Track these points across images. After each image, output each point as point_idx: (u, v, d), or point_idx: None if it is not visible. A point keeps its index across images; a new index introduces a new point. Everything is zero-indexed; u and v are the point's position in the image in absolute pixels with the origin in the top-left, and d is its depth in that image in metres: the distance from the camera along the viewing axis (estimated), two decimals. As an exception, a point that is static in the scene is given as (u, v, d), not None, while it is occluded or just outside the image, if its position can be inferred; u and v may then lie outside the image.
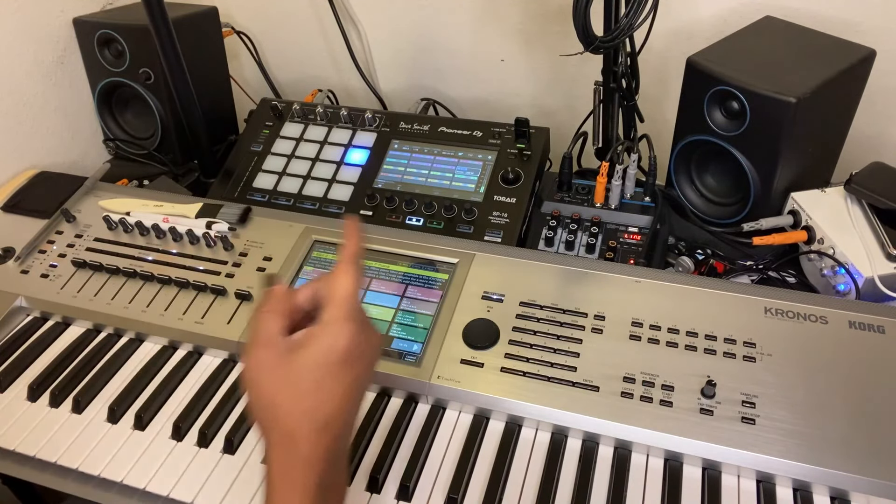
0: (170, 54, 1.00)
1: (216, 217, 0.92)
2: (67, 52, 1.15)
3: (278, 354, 0.54)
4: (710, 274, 0.90)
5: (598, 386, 0.71)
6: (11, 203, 1.01)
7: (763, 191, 0.91)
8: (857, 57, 0.89)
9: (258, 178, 1.04)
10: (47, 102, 1.14)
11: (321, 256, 0.87)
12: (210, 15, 1.18)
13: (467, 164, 1.00)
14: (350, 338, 0.54)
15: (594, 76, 0.96)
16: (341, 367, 0.53)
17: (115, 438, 0.73)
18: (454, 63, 1.27)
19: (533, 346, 0.75)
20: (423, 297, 0.81)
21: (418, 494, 0.66)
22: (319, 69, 1.38)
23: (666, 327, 0.75)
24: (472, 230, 0.93)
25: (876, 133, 1.05)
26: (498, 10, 1.17)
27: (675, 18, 1.07)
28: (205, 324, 0.81)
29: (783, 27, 0.97)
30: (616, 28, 0.83)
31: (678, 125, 0.98)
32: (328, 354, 0.53)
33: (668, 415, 0.68)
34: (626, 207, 0.92)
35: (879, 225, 0.85)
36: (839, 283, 0.84)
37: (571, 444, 0.70)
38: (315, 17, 1.31)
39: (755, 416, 0.67)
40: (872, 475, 0.62)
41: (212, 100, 1.19)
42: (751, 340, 0.72)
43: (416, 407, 0.74)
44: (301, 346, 0.54)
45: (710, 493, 0.65)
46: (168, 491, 0.68)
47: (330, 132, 1.07)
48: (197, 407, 0.75)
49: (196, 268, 0.88)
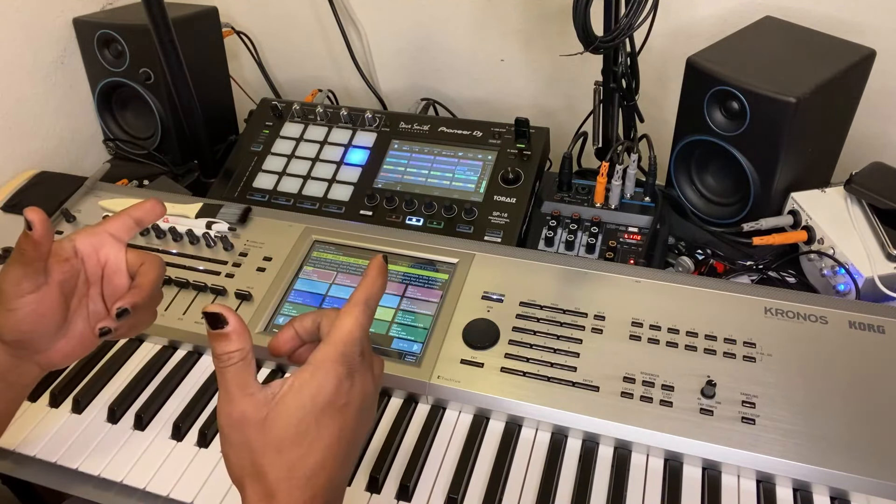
0: (170, 54, 1.00)
1: (216, 217, 0.92)
2: (67, 52, 1.15)
3: (255, 407, 0.48)
4: (710, 274, 0.90)
5: (598, 386, 0.71)
6: (11, 203, 1.01)
7: (763, 191, 0.91)
8: (857, 57, 0.89)
9: (258, 178, 1.04)
10: (47, 102, 1.14)
11: (321, 256, 0.87)
12: (210, 15, 1.18)
13: (467, 164, 1.00)
14: (336, 384, 0.49)
15: (594, 76, 0.96)
16: (324, 415, 0.49)
17: (115, 438, 0.73)
18: (454, 63, 1.27)
19: (533, 346, 0.75)
20: (423, 297, 0.81)
21: (418, 494, 0.66)
22: (319, 69, 1.38)
23: (666, 327, 0.75)
24: (472, 230, 0.93)
25: (876, 133, 1.05)
26: (498, 11, 1.17)
27: (675, 18, 1.07)
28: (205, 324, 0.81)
29: (783, 27, 0.97)
30: (616, 28, 0.83)
31: (678, 125, 0.98)
32: (314, 398, 0.49)
33: (668, 415, 0.68)
34: (626, 207, 0.92)
35: (879, 225, 0.85)
36: (839, 283, 0.84)
37: (571, 444, 0.70)
38: (315, 18, 1.31)
39: (755, 416, 0.67)
40: (872, 475, 0.62)
41: (212, 100, 1.19)
42: (751, 340, 0.72)
43: (416, 407, 0.74)
44: (282, 395, 0.49)
45: (710, 493, 0.65)
46: (168, 491, 0.68)
47: (330, 132, 1.07)
48: (197, 407, 0.75)
49: (196, 268, 0.88)
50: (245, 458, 0.49)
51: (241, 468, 0.49)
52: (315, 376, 0.49)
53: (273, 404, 0.49)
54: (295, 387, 0.49)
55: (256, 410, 0.48)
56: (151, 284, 0.61)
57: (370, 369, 0.54)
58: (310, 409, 0.49)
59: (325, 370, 0.50)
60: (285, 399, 0.49)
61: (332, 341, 0.51)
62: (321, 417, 0.49)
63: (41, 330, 0.59)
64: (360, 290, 0.53)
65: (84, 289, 0.62)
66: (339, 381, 0.50)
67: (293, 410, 0.48)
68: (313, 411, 0.49)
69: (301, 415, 0.48)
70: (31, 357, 0.61)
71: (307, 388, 0.49)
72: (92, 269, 0.62)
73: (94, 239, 0.62)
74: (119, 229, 0.63)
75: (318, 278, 0.85)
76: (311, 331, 0.56)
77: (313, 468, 0.49)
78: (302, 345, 0.57)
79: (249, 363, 0.50)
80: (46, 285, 0.58)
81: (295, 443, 0.48)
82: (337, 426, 0.50)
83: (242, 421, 0.48)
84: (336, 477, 0.51)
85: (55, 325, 0.60)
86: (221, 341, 0.49)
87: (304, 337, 0.57)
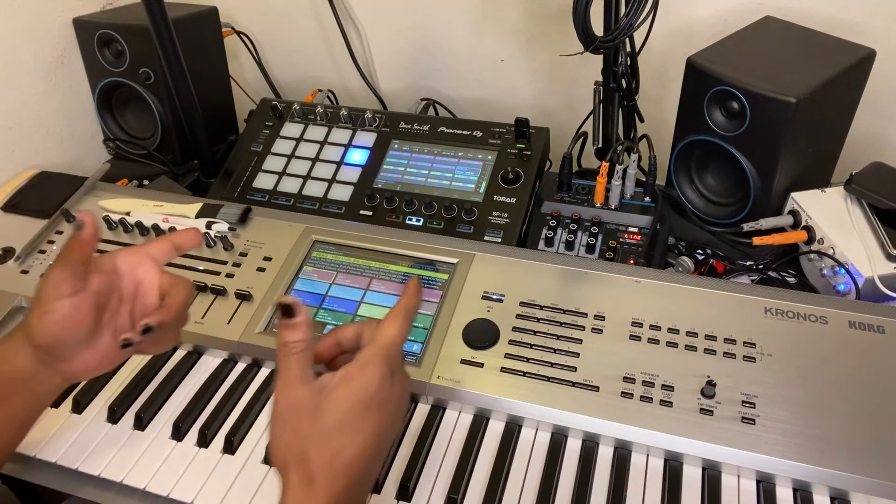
0: (170, 54, 1.00)
1: (216, 217, 0.92)
2: (67, 52, 1.15)
3: (310, 395, 0.53)
4: (710, 274, 0.90)
5: (598, 386, 0.71)
6: (11, 203, 1.01)
7: (763, 191, 0.91)
8: (857, 57, 0.89)
9: (258, 178, 1.04)
10: (47, 102, 1.14)
11: (321, 256, 0.87)
12: (210, 15, 1.18)
13: (467, 164, 1.00)
14: (381, 380, 0.53)
15: (594, 76, 0.96)
16: (368, 409, 0.53)
17: (115, 438, 0.73)
18: (454, 63, 1.27)
19: (533, 346, 0.75)
20: (423, 297, 0.81)
21: (418, 494, 0.66)
22: (319, 69, 1.38)
23: (666, 327, 0.75)
24: (472, 230, 0.93)
25: (876, 133, 1.05)
26: (498, 11, 1.17)
27: (675, 18, 1.07)
28: (205, 324, 0.81)
29: (783, 27, 0.97)
30: (616, 28, 0.83)
31: (678, 125, 0.98)
32: (359, 394, 0.53)
33: (668, 415, 0.68)
34: (626, 207, 0.92)
35: (879, 225, 0.85)
36: (839, 283, 0.84)
37: (571, 444, 0.70)
38: (315, 18, 1.31)
39: (755, 416, 0.67)
40: (872, 475, 0.62)
41: (212, 100, 1.19)
42: (751, 340, 0.72)
43: (415, 407, 0.74)
44: (333, 386, 0.53)
45: (710, 493, 0.65)
46: (168, 491, 0.68)
47: (330, 132, 1.07)
48: (197, 407, 0.75)
49: (196, 268, 0.88)
50: (294, 443, 0.52)
51: (287, 452, 0.52)
52: (363, 372, 0.53)
53: (325, 394, 0.53)
54: (346, 379, 0.53)
55: (311, 398, 0.52)
56: (179, 306, 0.63)
57: (405, 373, 0.59)
58: (356, 402, 0.52)
59: (373, 367, 0.54)
60: (337, 390, 0.53)
61: (379, 343, 0.55)
62: (365, 412, 0.53)
63: (71, 337, 0.60)
64: (402, 302, 0.58)
65: (116, 305, 0.63)
66: (382, 379, 0.54)
67: (342, 401, 0.52)
68: (360, 404, 0.52)
69: (348, 406, 0.52)
70: (56, 365, 0.61)
71: (356, 382, 0.53)
72: (127, 287, 0.64)
73: (134, 258, 0.64)
74: (159, 252, 0.65)
75: (318, 278, 0.85)
76: (352, 340, 0.60)
77: (351, 459, 0.52)
78: (342, 353, 0.60)
79: (310, 354, 0.54)
80: (83, 292, 0.59)
81: (341, 432, 0.52)
82: (376, 421, 0.53)
83: (299, 406, 0.52)
84: (368, 472, 0.54)
85: (85, 334, 0.61)
86: (291, 330, 0.54)
87: (344, 345, 0.60)
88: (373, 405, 0.53)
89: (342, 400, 0.52)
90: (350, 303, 0.82)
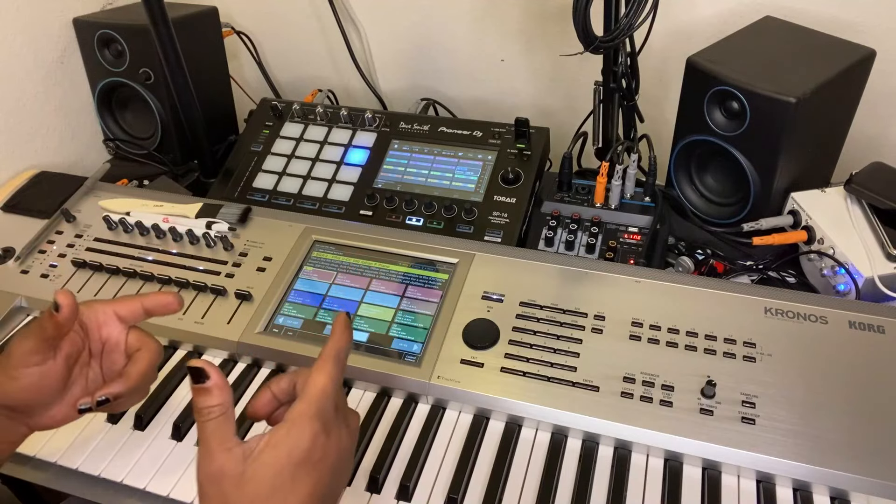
0: (170, 54, 1.00)
1: (216, 217, 0.92)
2: (67, 52, 1.15)
3: (234, 463, 0.49)
4: (710, 274, 0.90)
5: (598, 386, 0.71)
6: (11, 203, 1.01)
7: (763, 191, 0.91)
8: (857, 57, 0.89)
9: (258, 178, 1.04)
10: (47, 102, 1.14)
11: (321, 256, 0.87)
12: (210, 15, 1.18)
13: (467, 164, 1.00)
14: (312, 438, 0.50)
15: (594, 76, 0.96)
16: (300, 470, 0.49)
17: (115, 438, 0.73)
18: (454, 63, 1.27)
19: (533, 346, 0.75)
20: (423, 297, 0.81)
21: (418, 494, 0.66)
22: (319, 69, 1.38)
23: (666, 327, 0.75)
24: (472, 230, 0.93)
25: (876, 133, 1.05)
26: (498, 11, 1.17)
27: (675, 18, 1.07)
28: (205, 324, 0.81)
29: (783, 27, 0.97)
30: (616, 28, 0.83)
31: (678, 125, 0.98)
32: (290, 454, 0.49)
33: (668, 415, 0.68)
34: (626, 207, 0.92)
35: (879, 225, 0.85)
36: (839, 283, 0.84)
37: (571, 444, 0.70)
38: (315, 17, 1.31)
39: (755, 416, 0.67)
40: (872, 475, 0.62)
41: (212, 100, 1.19)
42: (751, 340, 0.72)
43: (416, 407, 0.74)
44: (259, 451, 0.50)
45: (710, 493, 0.65)
46: (168, 491, 0.68)
47: (330, 132, 1.07)
48: (197, 407, 0.75)
49: (196, 268, 0.88)
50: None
51: None
52: (291, 433, 0.50)
53: (250, 460, 0.49)
54: (272, 443, 0.50)
55: (234, 466, 0.49)
56: (140, 375, 0.62)
57: (345, 424, 0.55)
58: (285, 465, 0.49)
59: (301, 426, 0.50)
60: (262, 455, 0.49)
61: (307, 398, 0.51)
62: (296, 473, 0.49)
63: (39, 399, 0.61)
64: (330, 346, 0.54)
65: (86, 358, 0.64)
66: (314, 437, 0.50)
67: (269, 467, 0.49)
68: (289, 467, 0.49)
69: (276, 471, 0.49)
70: (24, 420, 0.62)
71: (283, 445, 0.50)
72: (94, 343, 0.64)
73: (100, 317, 0.64)
74: (127, 313, 0.64)
75: (318, 278, 0.85)
76: (287, 391, 0.57)
77: None
78: (279, 406, 0.58)
79: (229, 418, 0.51)
80: (53, 359, 0.60)
81: (270, 498, 0.48)
82: (312, 481, 0.50)
83: (220, 476, 0.49)
84: None
85: (54, 396, 0.61)
86: (203, 395, 0.51)
87: (280, 398, 0.58)
88: (306, 465, 0.50)
89: (269, 465, 0.49)
90: (350, 303, 0.82)
